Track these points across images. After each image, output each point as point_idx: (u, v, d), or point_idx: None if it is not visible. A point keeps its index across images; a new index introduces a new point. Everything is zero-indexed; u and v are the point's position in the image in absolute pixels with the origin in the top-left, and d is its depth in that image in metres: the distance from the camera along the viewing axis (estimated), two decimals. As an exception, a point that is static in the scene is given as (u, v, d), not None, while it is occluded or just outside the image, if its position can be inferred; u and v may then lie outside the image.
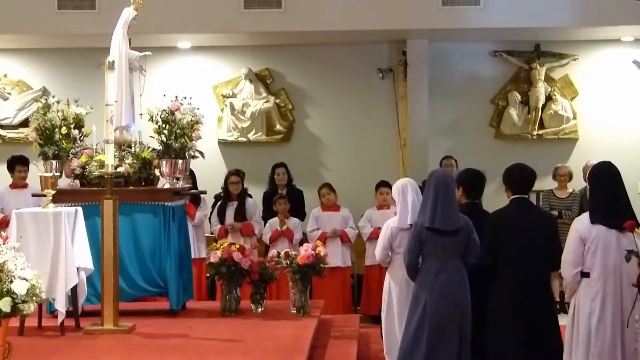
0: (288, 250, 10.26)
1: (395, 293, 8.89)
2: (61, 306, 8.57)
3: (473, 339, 8.08)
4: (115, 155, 9.29)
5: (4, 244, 6.80)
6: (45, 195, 8.97)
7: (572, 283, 7.14)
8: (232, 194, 12.52)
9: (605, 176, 7.21)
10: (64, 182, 9.98)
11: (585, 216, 7.15)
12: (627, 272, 6.90)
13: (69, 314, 8.78)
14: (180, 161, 9.97)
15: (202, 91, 14.59)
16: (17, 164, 12.29)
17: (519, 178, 8.04)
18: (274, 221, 12.47)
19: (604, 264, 6.97)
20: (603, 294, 6.97)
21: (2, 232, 7.43)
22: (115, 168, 9.24)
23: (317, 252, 9.89)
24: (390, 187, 11.77)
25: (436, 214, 8.10)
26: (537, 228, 7.66)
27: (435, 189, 8.17)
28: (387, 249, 8.91)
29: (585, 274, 7.08)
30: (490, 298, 7.93)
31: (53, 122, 9.81)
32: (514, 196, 7.98)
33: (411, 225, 8.63)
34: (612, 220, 6.95)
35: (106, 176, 8.94)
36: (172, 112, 9.91)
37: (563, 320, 7.80)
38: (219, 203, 12.61)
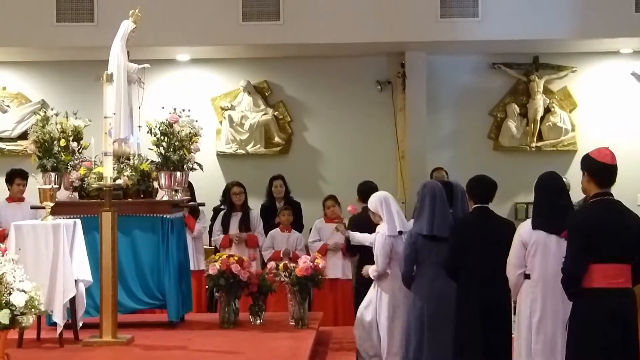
0: (287, 262, 10.26)
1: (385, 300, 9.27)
2: (59, 318, 8.57)
3: None
4: (113, 168, 9.30)
5: (3, 256, 6.81)
6: (44, 208, 8.97)
7: (516, 284, 7.53)
8: (235, 205, 12.51)
9: (549, 185, 7.56)
10: (63, 195, 9.98)
11: (528, 222, 7.54)
12: None
13: (67, 326, 8.78)
14: (178, 173, 9.99)
15: (201, 103, 14.60)
16: (17, 177, 12.28)
17: (479, 189, 8.42)
18: (276, 233, 12.46)
19: (543, 267, 7.34)
20: (542, 294, 7.36)
21: (1, 245, 7.44)
22: (114, 180, 9.25)
23: (315, 264, 9.89)
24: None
25: (434, 222, 8.56)
26: (496, 235, 8.01)
27: (431, 199, 8.66)
28: (388, 256, 9.18)
29: (527, 276, 7.47)
30: (456, 302, 8.32)
31: (52, 135, 9.82)
32: (475, 205, 8.37)
33: (401, 232, 9.10)
34: (552, 226, 7.30)
35: (105, 188, 8.95)
36: (170, 125, 9.93)
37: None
38: (222, 213, 12.59)
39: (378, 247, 9.21)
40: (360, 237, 9.83)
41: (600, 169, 6.73)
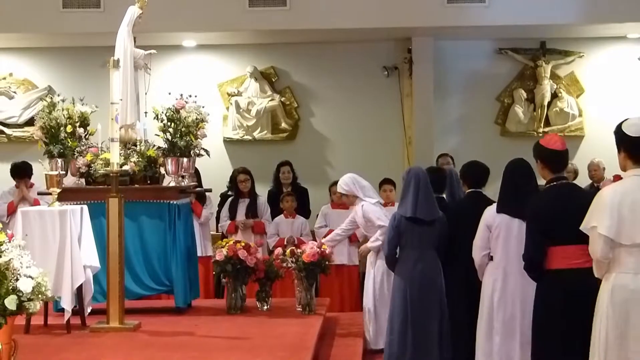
0: (293, 248, 10.25)
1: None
2: (67, 304, 8.58)
3: None
4: (120, 154, 9.30)
5: (10, 241, 6.80)
6: (50, 194, 8.97)
7: (481, 264, 7.88)
8: (242, 191, 12.50)
9: (515, 171, 7.88)
10: (70, 181, 9.98)
11: (493, 206, 7.87)
12: None
13: (75, 312, 8.79)
14: (185, 159, 9.97)
15: (208, 89, 14.60)
16: (15, 177, 12.22)
17: (472, 174, 8.74)
18: (280, 219, 12.46)
19: (505, 249, 7.66)
20: (504, 274, 7.68)
21: (8, 230, 7.43)
22: (121, 166, 9.25)
23: (322, 249, 9.89)
24: (393, 184, 12.02)
25: (417, 205, 8.81)
26: None
27: (415, 183, 8.90)
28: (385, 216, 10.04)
29: (492, 257, 7.81)
30: (448, 282, 8.65)
31: (58, 121, 9.80)
32: (469, 190, 8.68)
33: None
34: (515, 211, 7.57)
35: (111, 174, 8.95)
36: (177, 111, 9.91)
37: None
38: (230, 200, 12.59)
39: (372, 213, 9.84)
40: (333, 234, 10.58)
41: (551, 156, 7.02)
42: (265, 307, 10.03)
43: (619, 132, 6.11)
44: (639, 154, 6.03)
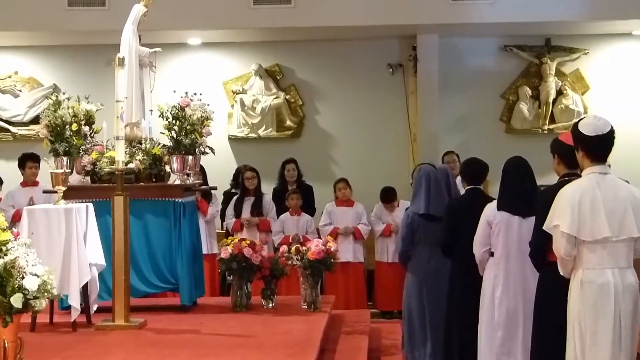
0: (298, 246, 10.26)
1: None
2: (75, 302, 8.58)
3: None
4: (125, 152, 9.30)
5: (15, 240, 6.81)
6: (56, 192, 8.98)
7: (482, 260, 8.00)
8: (248, 189, 12.50)
9: (514, 169, 8.03)
10: (75, 179, 9.99)
11: (494, 203, 8.01)
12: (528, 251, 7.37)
13: (80, 310, 8.79)
14: (190, 157, 9.97)
15: (212, 87, 14.60)
16: (28, 160, 12.29)
17: (471, 171, 8.77)
18: (285, 217, 12.47)
19: (506, 245, 7.82)
20: (505, 270, 7.84)
21: (14, 228, 7.45)
22: (126, 164, 9.25)
23: (327, 247, 9.88)
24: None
25: (430, 202, 8.97)
26: None
27: (427, 181, 9.10)
28: None
29: (492, 253, 7.94)
30: (449, 277, 8.65)
31: (64, 119, 9.80)
32: (468, 186, 8.72)
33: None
34: (515, 208, 7.79)
35: (117, 172, 8.95)
36: (182, 108, 9.91)
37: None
38: (235, 197, 12.60)
39: None
40: None
41: (569, 152, 6.97)
42: (271, 305, 10.04)
43: (575, 132, 6.35)
44: (595, 153, 6.28)
